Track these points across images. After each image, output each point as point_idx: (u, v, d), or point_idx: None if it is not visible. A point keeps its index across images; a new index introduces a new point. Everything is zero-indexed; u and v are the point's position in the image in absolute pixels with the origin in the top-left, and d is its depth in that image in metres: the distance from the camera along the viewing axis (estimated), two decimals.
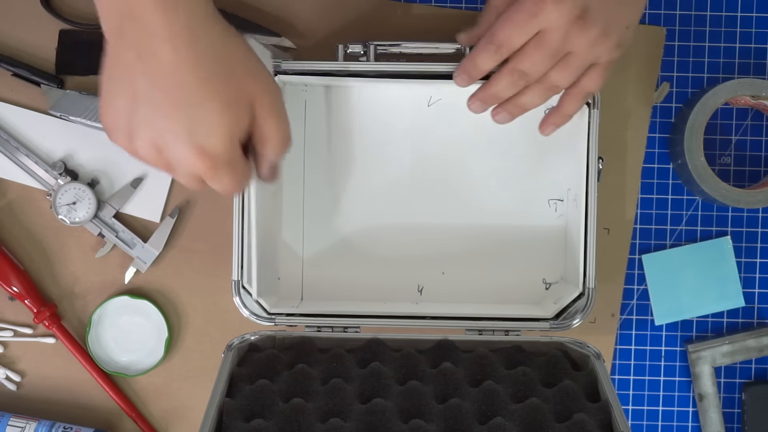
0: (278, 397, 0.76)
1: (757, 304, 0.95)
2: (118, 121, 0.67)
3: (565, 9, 0.72)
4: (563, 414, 0.76)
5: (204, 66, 0.65)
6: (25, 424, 0.91)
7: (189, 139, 0.66)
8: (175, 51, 0.64)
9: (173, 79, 0.65)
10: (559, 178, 0.90)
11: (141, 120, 0.66)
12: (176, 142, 0.66)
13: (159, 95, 0.65)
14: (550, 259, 0.91)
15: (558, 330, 0.86)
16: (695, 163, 0.90)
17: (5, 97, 0.93)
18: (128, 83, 0.66)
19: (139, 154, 0.68)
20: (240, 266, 0.85)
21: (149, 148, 0.67)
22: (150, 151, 0.67)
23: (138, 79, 0.65)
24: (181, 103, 0.65)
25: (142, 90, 0.65)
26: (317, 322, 0.86)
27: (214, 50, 0.66)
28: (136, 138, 0.67)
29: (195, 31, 0.65)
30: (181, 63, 0.65)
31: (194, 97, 0.65)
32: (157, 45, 0.64)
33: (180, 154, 0.67)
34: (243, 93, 0.68)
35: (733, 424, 0.95)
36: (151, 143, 0.67)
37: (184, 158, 0.67)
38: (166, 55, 0.64)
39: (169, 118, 0.66)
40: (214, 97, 0.66)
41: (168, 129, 0.66)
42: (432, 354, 0.84)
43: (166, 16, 0.64)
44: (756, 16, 0.94)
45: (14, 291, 0.92)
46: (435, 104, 0.90)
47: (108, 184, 0.94)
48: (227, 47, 0.67)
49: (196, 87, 0.65)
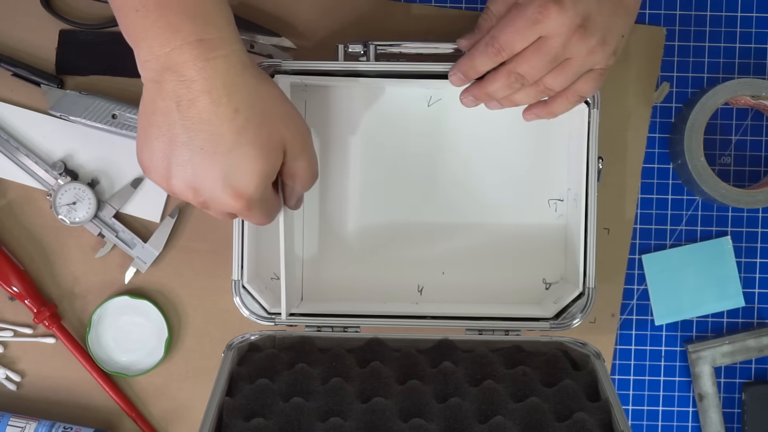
0: (278, 397, 0.76)
1: (757, 304, 0.95)
2: (154, 162, 0.71)
3: (567, 18, 0.74)
4: (563, 413, 0.76)
5: (240, 115, 0.69)
6: (25, 424, 0.91)
7: (225, 183, 0.70)
8: (213, 102, 0.68)
9: (211, 128, 0.69)
10: (559, 178, 0.90)
11: (178, 163, 0.70)
12: (213, 186, 0.70)
13: (197, 142, 0.69)
14: (550, 259, 0.91)
15: (558, 330, 0.86)
16: (695, 163, 0.90)
17: (5, 97, 0.93)
18: (167, 128, 0.69)
19: (175, 192, 0.72)
20: (240, 266, 0.85)
21: (186, 188, 0.71)
22: (186, 191, 0.71)
23: (177, 126, 0.69)
24: (218, 150, 0.69)
25: (180, 136, 0.69)
26: (317, 321, 0.86)
27: (249, 99, 0.70)
28: (172, 178, 0.71)
29: (232, 83, 0.69)
30: (218, 113, 0.68)
31: (230, 144, 0.69)
32: (196, 96, 0.68)
33: (216, 196, 0.71)
34: (276, 137, 0.71)
35: (733, 424, 0.95)
36: (187, 184, 0.71)
37: (220, 200, 0.71)
38: (204, 106, 0.68)
39: (207, 163, 0.69)
40: (249, 144, 0.70)
41: (205, 173, 0.70)
42: (432, 353, 0.84)
43: (205, 70, 0.68)
44: (756, 16, 0.94)
45: (14, 291, 0.92)
46: (435, 104, 0.90)
47: (108, 184, 0.94)
48: (261, 95, 0.71)
49: (232, 135, 0.69)
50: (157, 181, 0.72)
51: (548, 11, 0.74)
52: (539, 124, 0.89)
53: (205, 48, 0.67)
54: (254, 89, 0.70)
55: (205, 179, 0.70)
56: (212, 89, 0.68)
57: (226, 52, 0.69)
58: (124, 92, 0.92)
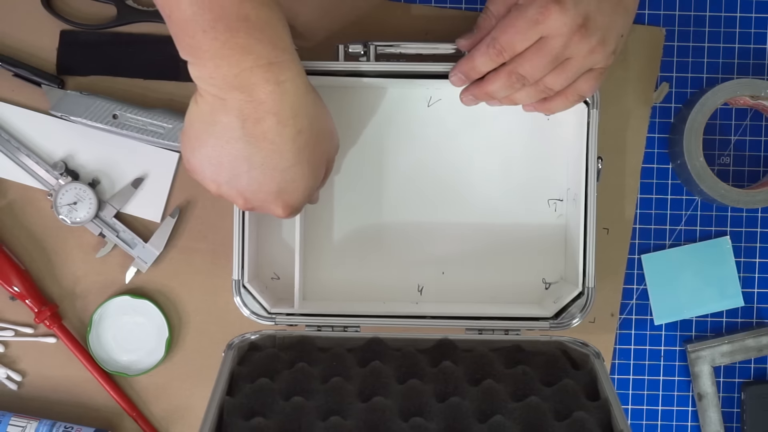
0: (278, 396, 0.76)
1: (756, 304, 0.95)
2: (206, 166, 0.74)
3: (568, 18, 0.74)
4: (563, 413, 0.76)
5: (301, 136, 0.73)
6: (26, 424, 0.91)
7: (278, 197, 0.75)
8: (279, 123, 0.71)
9: (274, 147, 0.72)
10: (558, 178, 0.90)
11: (235, 172, 0.73)
12: (266, 198, 0.75)
13: (258, 158, 0.72)
14: (549, 259, 0.91)
15: (558, 329, 0.86)
16: (694, 163, 0.90)
17: (6, 97, 0.93)
18: (226, 141, 0.72)
19: (222, 196, 0.75)
20: (240, 266, 0.85)
21: (237, 195, 0.75)
22: (237, 197, 0.75)
23: (239, 141, 0.71)
24: (278, 167, 0.73)
25: (241, 150, 0.72)
26: (317, 321, 0.87)
27: (309, 121, 0.73)
28: (224, 185, 0.74)
29: (297, 106, 0.71)
30: (283, 134, 0.71)
31: (290, 163, 0.73)
32: (263, 117, 0.70)
33: (266, 206, 0.76)
34: (325, 155, 0.77)
35: (733, 424, 0.95)
36: (239, 193, 0.75)
37: (268, 209, 0.77)
38: (270, 126, 0.71)
39: (264, 178, 0.73)
40: (306, 163, 0.74)
41: (261, 186, 0.74)
42: (432, 353, 0.84)
43: (275, 93, 0.70)
44: (755, 17, 0.94)
45: (15, 291, 0.92)
46: (435, 104, 0.90)
47: (109, 184, 0.94)
48: (318, 118, 0.75)
49: (292, 154, 0.73)
50: (206, 185, 0.75)
51: (549, 12, 0.74)
52: (539, 125, 0.89)
53: (275, 71, 0.69)
54: (314, 112, 0.74)
55: (260, 191, 0.74)
56: (280, 111, 0.70)
57: (293, 75, 0.71)
58: (124, 92, 0.92)
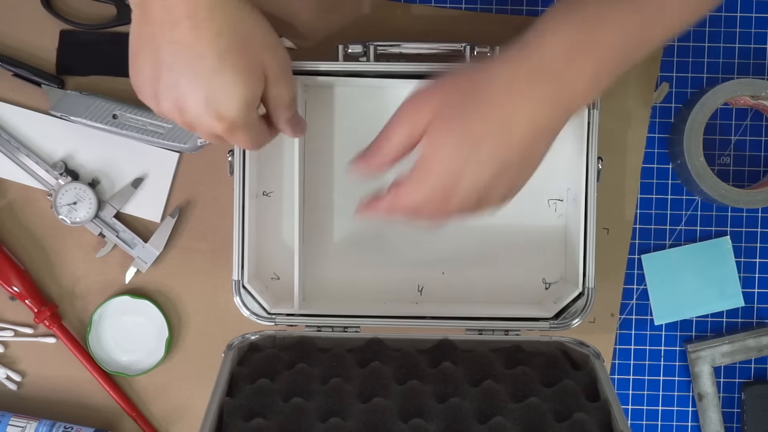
0: (278, 397, 0.76)
1: (757, 304, 0.95)
2: (144, 83, 0.73)
3: None
4: (563, 413, 0.76)
5: (221, 40, 0.70)
6: (25, 424, 0.91)
7: (208, 105, 0.72)
8: (195, 27, 0.69)
9: (193, 52, 0.70)
10: (558, 178, 0.90)
11: (165, 84, 0.72)
12: (197, 108, 0.72)
13: (180, 65, 0.70)
14: (549, 259, 0.91)
15: (558, 330, 0.86)
16: (694, 163, 0.90)
17: (6, 97, 0.93)
18: (153, 52, 0.71)
19: (163, 113, 0.74)
20: (240, 266, 0.85)
21: (173, 108, 0.73)
22: (173, 111, 0.73)
23: (162, 49, 0.70)
24: (200, 73, 0.70)
25: (165, 59, 0.71)
26: (317, 322, 0.87)
27: (230, 25, 0.71)
28: (160, 99, 0.73)
29: (213, 8, 0.70)
30: (200, 38, 0.70)
31: (212, 68, 0.70)
32: (178, 20, 0.69)
33: (200, 117, 0.72)
34: (257, 63, 0.73)
35: (733, 424, 0.95)
36: (174, 105, 0.73)
37: (203, 121, 0.73)
38: (186, 31, 0.69)
39: (190, 85, 0.71)
40: (230, 69, 0.71)
41: (189, 95, 0.71)
42: (432, 354, 0.84)
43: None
44: (755, 16, 0.94)
45: (15, 291, 0.92)
46: None
47: (108, 184, 0.94)
48: (243, 21, 0.72)
49: (213, 59, 0.70)
50: (148, 102, 0.74)
51: None
52: None
53: None
54: (238, 15, 0.71)
55: (189, 101, 0.72)
56: (194, 13, 0.69)
57: None
58: (124, 92, 0.92)
